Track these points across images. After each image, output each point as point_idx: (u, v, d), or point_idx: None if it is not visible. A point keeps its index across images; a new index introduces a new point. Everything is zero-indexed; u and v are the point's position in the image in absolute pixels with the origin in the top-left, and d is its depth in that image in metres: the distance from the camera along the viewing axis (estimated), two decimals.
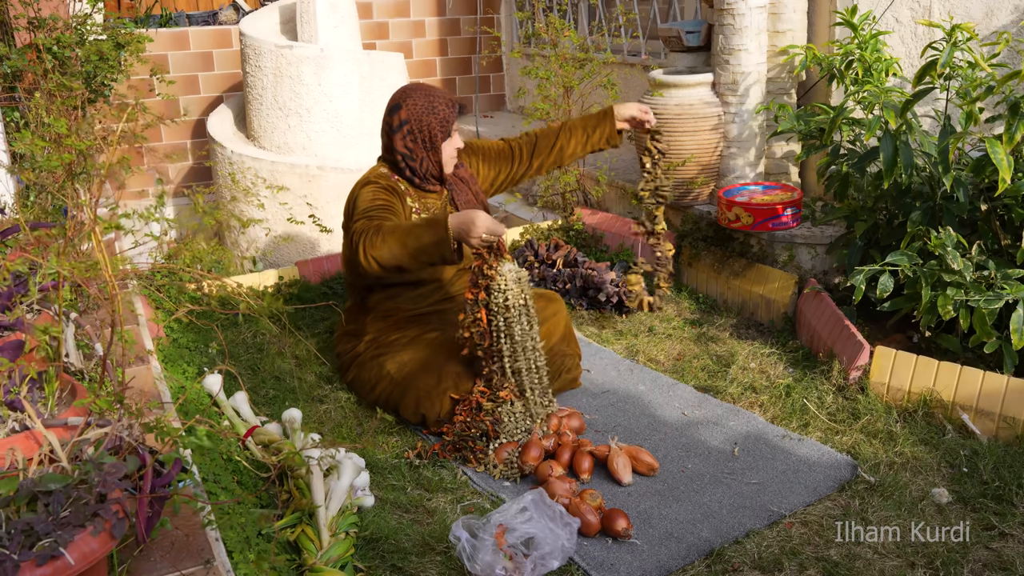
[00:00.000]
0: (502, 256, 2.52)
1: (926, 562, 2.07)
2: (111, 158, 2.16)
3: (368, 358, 2.87)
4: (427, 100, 2.81)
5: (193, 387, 2.65)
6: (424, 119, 2.80)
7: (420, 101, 2.81)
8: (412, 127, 2.81)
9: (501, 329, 2.56)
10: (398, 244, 2.49)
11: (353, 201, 2.81)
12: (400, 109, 2.82)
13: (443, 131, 2.83)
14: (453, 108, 2.85)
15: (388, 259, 2.52)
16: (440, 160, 2.86)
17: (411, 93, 2.83)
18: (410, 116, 2.81)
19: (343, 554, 2.05)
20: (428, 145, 2.83)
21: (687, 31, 3.96)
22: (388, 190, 2.81)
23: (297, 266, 3.91)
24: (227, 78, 5.77)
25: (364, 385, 2.87)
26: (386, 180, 2.85)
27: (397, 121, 2.83)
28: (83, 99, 3.17)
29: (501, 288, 2.53)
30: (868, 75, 3.22)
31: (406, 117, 2.81)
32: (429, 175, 2.88)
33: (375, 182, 2.83)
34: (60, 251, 2.11)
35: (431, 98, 2.82)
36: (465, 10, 6.36)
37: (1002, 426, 2.50)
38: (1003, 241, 2.81)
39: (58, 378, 1.69)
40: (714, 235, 3.71)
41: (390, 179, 2.86)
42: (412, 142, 2.83)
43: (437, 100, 2.82)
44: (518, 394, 2.62)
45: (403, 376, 2.75)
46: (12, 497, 1.30)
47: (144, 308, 2.93)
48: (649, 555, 2.14)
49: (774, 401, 2.84)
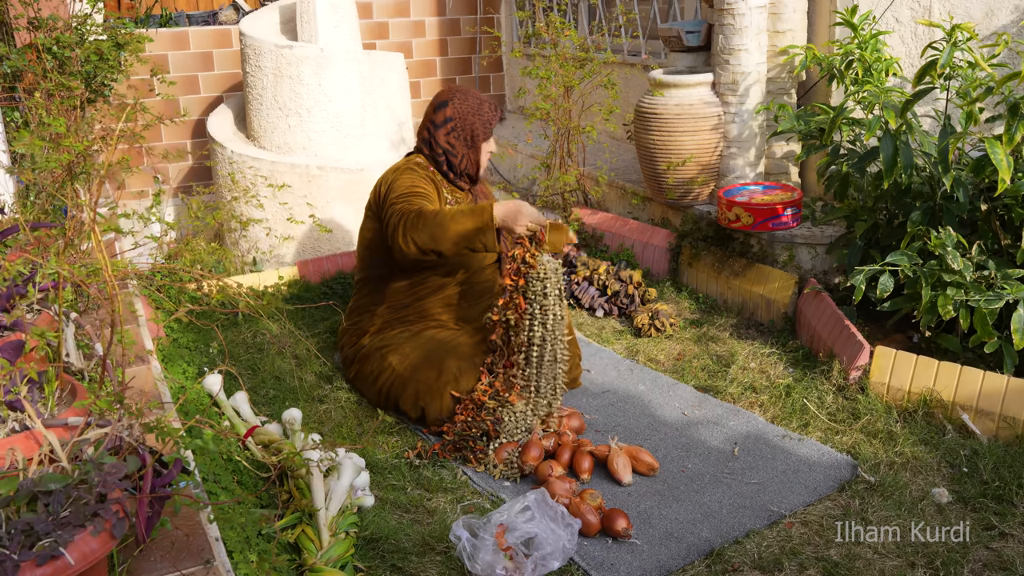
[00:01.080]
0: (542, 246, 2.58)
1: (926, 562, 2.07)
2: (111, 158, 2.16)
3: (372, 350, 2.90)
4: (475, 101, 2.94)
5: (193, 387, 2.65)
6: (469, 118, 2.91)
7: (469, 101, 2.93)
8: (457, 124, 2.91)
9: (536, 316, 2.59)
10: (440, 228, 2.57)
11: (389, 185, 2.86)
12: (447, 107, 2.92)
13: (485, 132, 2.94)
14: (496, 112, 2.97)
15: (427, 242, 2.58)
16: (479, 160, 2.97)
17: (459, 93, 2.95)
18: (456, 114, 2.91)
19: (343, 554, 2.05)
20: (470, 143, 2.93)
21: (687, 31, 3.96)
22: (426, 179, 2.89)
23: (297, 266, 3.91)
24: (227, 78, 5.77)
25: (367, 378, 2.88)
26: (424, 169, 2.93)
27: (442, 117, 2.92)
28: (83, 99, 3.17)
29: (540, 276, 2.57)
30: (868, 75, 3.22)
31: (452, 115, 2.91)
32: (465, 173, 2.97)
33: (414, 169, 2.91)
34: (60, 251, 2.11)
35: (478, 100, 2.94)
36: (465, 10, 6.36)
37: (1002, 426, 2.50)
38: (1003, 241, 2.80)
39: (58, 378, 1.69)
40: (714, 235, 3.71)
41: (428, 169, 2.94)
42: (456, 139, 2.92)
43: (483, 103, 2.95)
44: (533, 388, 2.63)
45: (405, 368, 2.78)
46: (12, 497, 1.30)
47: (144, 308, 2.93)
48: (649, 555, 2.14)
49: (774, 401, 2.83)
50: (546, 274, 2.58)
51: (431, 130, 2.93)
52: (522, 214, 2.53)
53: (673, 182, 3.85)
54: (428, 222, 2.59)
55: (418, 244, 2.60)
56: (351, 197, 4.46)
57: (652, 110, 3.82)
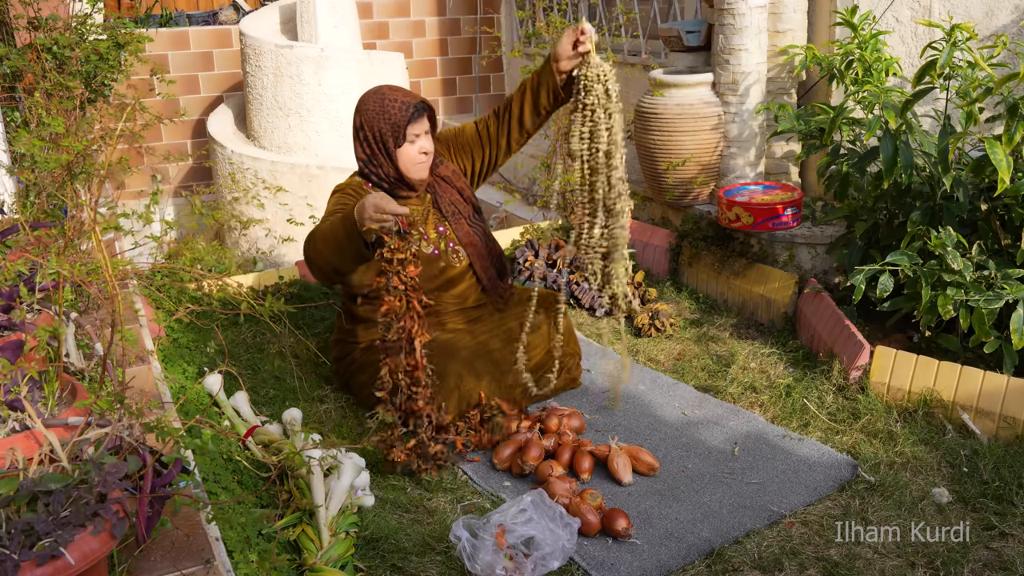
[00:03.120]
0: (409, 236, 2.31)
1: (926, 562, 2.07)
2: (110, 158, 2.16)
3: (366, 363, 2.84)
4: (378, 103, 2.66)
5: (193, 387, 2.65)
6: (375, 123, 2.67)
7: (372, 105, 2.67)
8: (366, 133, 2.70)
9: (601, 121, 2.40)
10: (322, 242, 2.43)
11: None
12: (356, 115, 2.72)
13: (394, 135, 2.66)
14: (407, 111, 2.65)
15: (319, 260, 2.47)
16: (397, 164, 2.71)
17: (367, 96, 2.71)
18: (363, 121, 2.70)
19: (343, 554, 2.05)
20: (382, 149, 2.70)
21: (687, 31, 3.96)
22: (354, 197, 2.70)
23: (297, 266, 3.90)
24: (227, 78, 5.77)
25: (362, 389, 2.86)
26: (357, 188, 2.75)
27: (355, 127, 2.74)
28: (82, 99, 3.17)
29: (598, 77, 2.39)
30: (868, 75, 3.22)
31: (359, 122, 2.71)
32: (393, 179, 2.75)
33: (343, 191, 2.75)
34: (60, 251, 2.11)
35: (383, 101, 2.66)
36: (465, 10, 6.36)
37: (1002, 426, 2.50)
38: (1003, 241, 2.80)
39: (58, 378, 1.69)
40: (714, 235, 3.71)
41: (363, 187, 2.77)
42: (369, 147, 2.71)
43: (389, 103, 2.66)
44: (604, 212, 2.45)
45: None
46: (12, 497, 1.30)
47: (144, 308, 2.93)
48: (649, 555, 2.14)
49: (774, 401, 2.83)
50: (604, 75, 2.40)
51: (354, 141, 2.75)
52: (365, 207, 2.24)
53: (673, 182, 3.85)
54: (315, 240, 2.41)
55: (314, 264, 2.45)
56: None
57: (652, 110, 3.82)
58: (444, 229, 2.86)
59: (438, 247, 2.83)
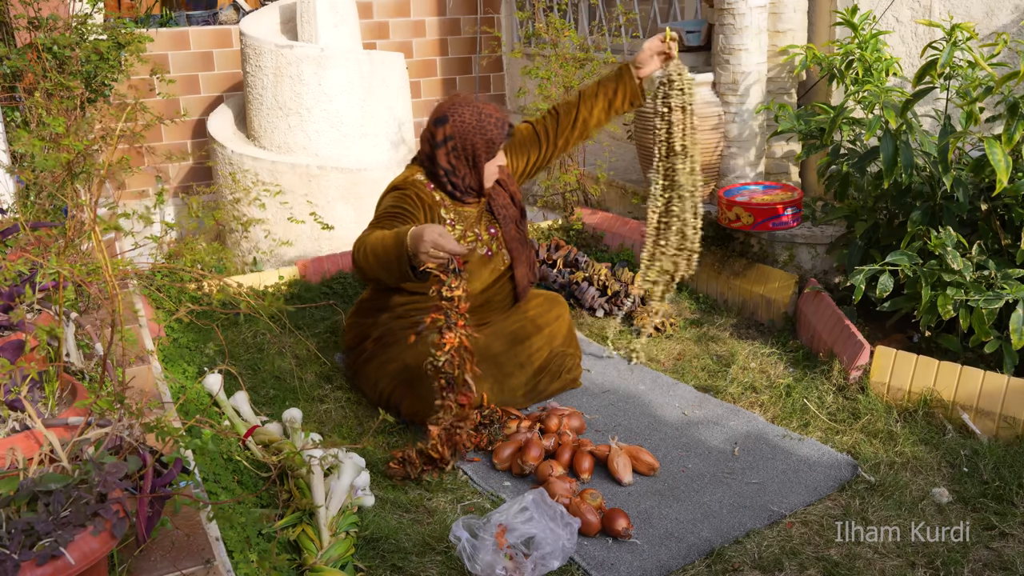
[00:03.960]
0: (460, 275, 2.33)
1: (926, 562, 2.07)
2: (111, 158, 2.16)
3: (374, 355, 2.87)
4: (475, 117, 2.68)
5: (193, 387, 2.65)
6: (470, 137, 2.68)
7: (468, 118, 2.68)
8: (457, 144, 2.70)
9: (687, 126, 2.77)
10: (372, 254, 2.42)
11: (378, 204, 2.77)
12: (446, 123, 2.70)
13: (488, 152, 2.71)
14: (502, 128, 2.72)
15: (365, 267, 2.48)
16: (482, 178, 2.76)
17: (459, 107, 2.70)
18: (455, 132, 2.69)
19: (343, 554, 2.05)
20: (471, 163, 2.73)
21: (687, 31, 3.96)
22: (414, 199, 2.71)
23: (297, 266, 3.90)
24: (227, 78, 5.77)
25: (367, 380, 2.87)
26: (417, 189, 2.75)
27: (442, 135, 2.70)
28: (83, 99, 3.17)
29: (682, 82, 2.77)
30: (868, 75, 3.22)
31: (451, 133, 2.69)
32: (470, 189, 2.80)
33: (403, 189, 2.74)
34: (60, 251, 2.11)
35: (479, 115, 2.68)
36: (465, 10, 6.36)
37: (1002, 426, 2.50)
38: (1003, 241, 2.80)
39: (58, 378, 1.69)
40: (714, 235, 3.71)
41: (424, 188, 2.76)
42: (456, 159, 2.72)
43: (486, 118, 2.69)
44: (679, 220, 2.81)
45: (407, 377, 2.74)
46: (12, 497, 1.30)
47: (144, 308, 2.93)
48: (649, 555, 2.14)
49: (774, 401, 2.83)
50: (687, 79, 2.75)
51: (432, 147, 2.73)
52: (423, 240, 2.22)
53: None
54: (368, 247, 2.41)
55: (362, 270, 2.46)
56: (351, 197, 4.46)
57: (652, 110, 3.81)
58: (495, 231, 2.90)
59: (490, 248, 2.88)
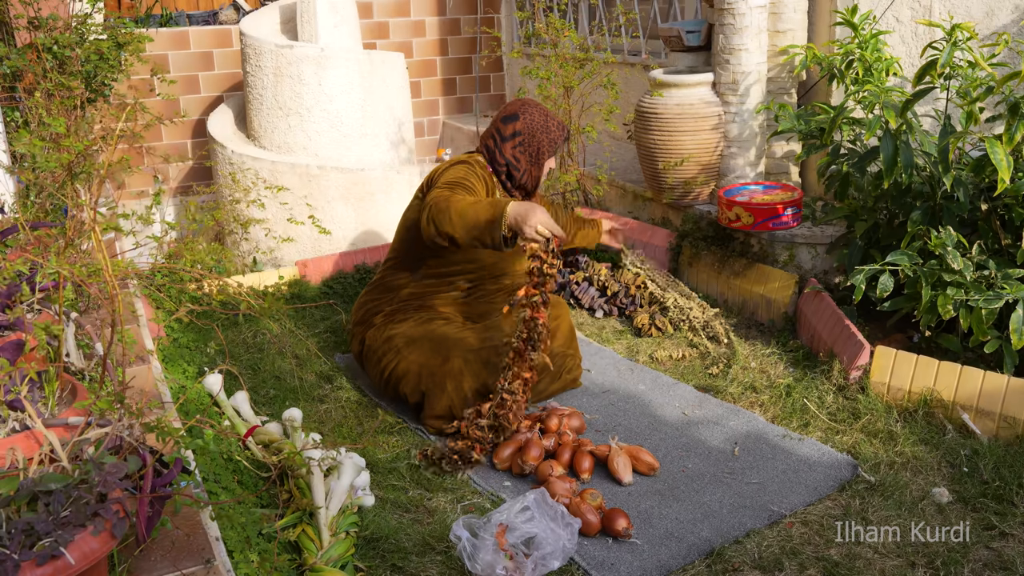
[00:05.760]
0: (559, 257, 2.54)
1: (926, 562, 2.07)
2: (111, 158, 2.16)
3: (380, 331, 2.91)
4: (543, 118, 2.96)
5: (193, 387, 2.65)
6: (537, 135, 2.94)
7: (537, 118, 2.95)
8: (525, 139, 2.94)
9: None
10: (458, 214, 2.54)
11: (443, 171, 2.86)
12: (516, 120, 2.95)
13: (550, 150, 2.98)
14: (563, 132, 2.99)
15: (445, 226, 2.57)
16: (540, 176, 3.00)
17: (530, 108, 2.97)
18: (524, 129, 2.94)
19: (343, 554, 2.05)
20: (534, 159, 2.96)
21: (687, 31, 3.96)
22: (480, 177, 2.89)
23: (297, 266, 3.91)
24: (227, 78, 5.77)
25: (371, 356, 2.91)
26: (482, 169, 2.93)
27: (511, 131, 2.94)
28: (83, 99, 3.17)
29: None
30: (868, 75, 3.22)
31: (520, 129, 2.94)
32: (522, 185, 2.98)
33: (472, 165, 2.91)
34: (60, 251, 2.11)
35: (546, 117, 2.97)
36: (465, 10, 6.36)
37: (1002, 426, 2.50)
38: (1003, 241, 2.80)
39: (58, 378, 1.69)
40: (714, 235, 3.71)
41: (486, 170, 2.95)
42: (521, 153, 2.94)
43: (551, 120, 2.97)
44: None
45: (410, 352, 2.80)
46: (12, 497, 1.30)
47: (144, 308, 2.93)
48: (649, 555, 2.14)
49: (774, 401, 2.83)
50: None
51: (497, 140, 2.95)
52: (533, 215, 2.45)
53: (673, 182, 3.85)
54: (452, 207, 2.58)
55: (438, 227, 2.59)
56: (351, 197, 4.46)
57: (652, 110, 3.81)
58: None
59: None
